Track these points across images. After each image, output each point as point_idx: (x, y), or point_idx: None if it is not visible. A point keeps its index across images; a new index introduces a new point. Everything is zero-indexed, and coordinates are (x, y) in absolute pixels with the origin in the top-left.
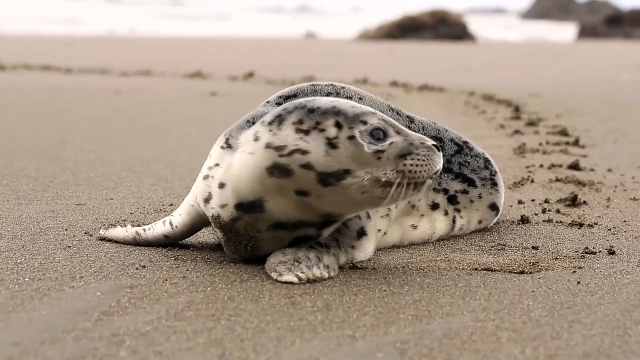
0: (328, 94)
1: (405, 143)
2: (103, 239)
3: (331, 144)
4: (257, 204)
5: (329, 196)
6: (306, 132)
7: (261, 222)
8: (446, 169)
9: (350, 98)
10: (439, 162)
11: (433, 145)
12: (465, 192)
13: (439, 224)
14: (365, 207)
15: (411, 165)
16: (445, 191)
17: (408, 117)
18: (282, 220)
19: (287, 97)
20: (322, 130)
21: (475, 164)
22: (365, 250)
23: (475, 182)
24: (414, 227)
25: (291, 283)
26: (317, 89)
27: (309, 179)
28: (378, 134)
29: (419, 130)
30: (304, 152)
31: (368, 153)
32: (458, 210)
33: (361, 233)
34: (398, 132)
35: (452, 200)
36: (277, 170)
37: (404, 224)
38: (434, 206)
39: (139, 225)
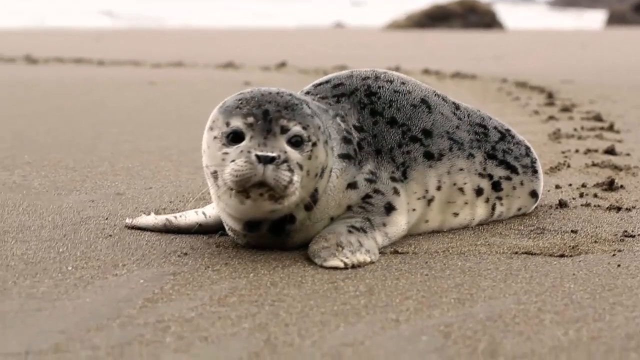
0: (365, 79)
1: (237, 151)
2: (132, 227)
3: (207, 143)
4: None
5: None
6: (207, 130)
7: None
8: (490, 156)
9: (391, 82)
10: (252, 172)
11: (257, 155)
12: (508, 178)
13: (479, 210)
14: (245, 209)
15: (227, 172)
16: (490, 177)
17: (454, 103)
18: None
19: (319, 84)
20: (211, 129)
21: (517, 152)
22: (398, 224)
23: (518, 169)
24: (455, 214)
25: (336, 268)
26: (354, 74)
27: (209, 178)
28: (235, 137)
29: (465, 117)
30: (203, 150)
31: (218, 155)
32: (499, 198)
33: (389, 208)
34: (253, 138)
35: (495, 186)
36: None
37: (446, 212)
38: (479, 191)
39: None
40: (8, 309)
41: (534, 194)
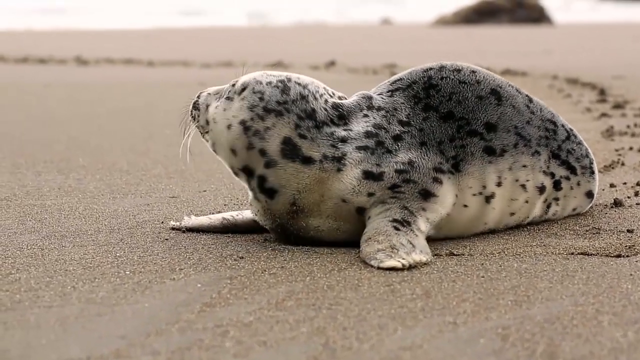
0: (428, 70)
1: None
2: (188, 229)
3: None
4: None
5: None
6: None
7: None
8: (555, 155)
9: (458, 71)
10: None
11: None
12: (567, 178)
13: (536, 209)
14: None
15: None
16: (552, 175)
17: (527, 96)
18: None
19: (383, 84)
20: None
21: (579, 152)
22: (437, 211)
23: (577, 169)
24: (512, 213)
25: (393, 269)
26: (417, 68)
27: None
28: None
29: (538, 110)
30: None
31: None
32: (556, 199)
33: (426, 195)
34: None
35: (556, 185)
36: None
37: (505, 210)
38: (542, 189)
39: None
40: (68, 313)
41: (589, 194)
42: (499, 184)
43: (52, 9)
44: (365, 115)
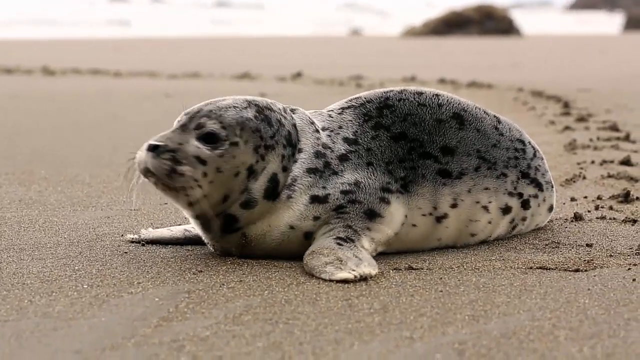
0: (389, 91)
1: None
2: (149, 242)
3: None
4: None
5: None
6: None
7: None
8: (524, 174)
9: (420, 94)
10: (141, 160)
11: (148, 144)
12: (535, 196)
13: (499, 229)
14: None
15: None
16: (520, 195)
17: (495, 116)
18: None
19: (350, 99)
20: None
21: (543, 167)
22: (383, 231)
23: (543, 186)
24: (473, 234)
25: (345, 281)
26: (378, 90)
27: None
28: None
29: (507, 131)
30: None
31: None
32: (524, 219)
33: (371, 215)
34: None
35: (524, 204)
36: None
37: (463, 229)
38: (506, 210)
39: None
40: (24, 328)
41: (551, 208)
42: (454, 206)
43: (19, 19)
44: (316, 132)
